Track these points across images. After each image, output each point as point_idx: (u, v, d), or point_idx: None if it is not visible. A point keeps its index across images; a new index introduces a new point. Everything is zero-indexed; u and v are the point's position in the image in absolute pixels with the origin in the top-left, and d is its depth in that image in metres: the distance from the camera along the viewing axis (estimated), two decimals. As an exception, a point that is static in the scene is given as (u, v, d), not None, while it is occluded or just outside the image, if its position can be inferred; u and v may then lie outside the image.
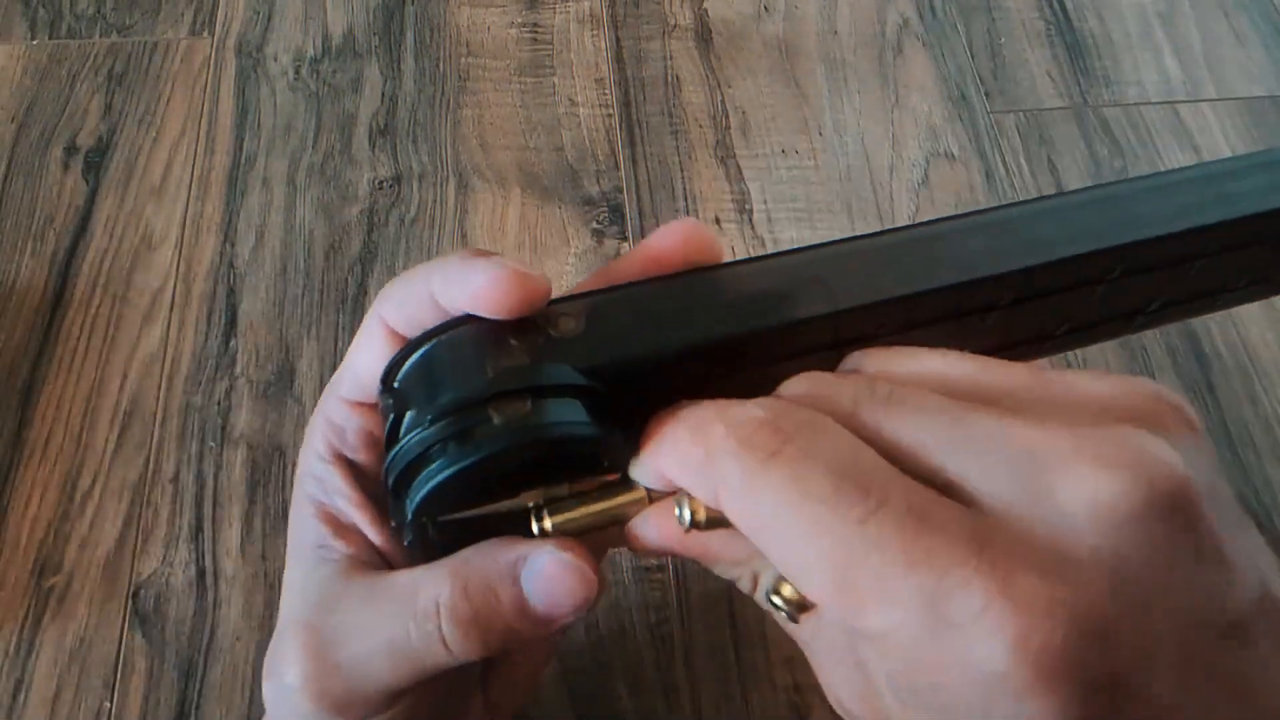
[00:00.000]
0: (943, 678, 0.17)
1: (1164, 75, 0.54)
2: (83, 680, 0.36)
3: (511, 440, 0.21)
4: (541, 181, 0.49)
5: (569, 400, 0.21)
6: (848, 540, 0.18)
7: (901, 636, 0.17)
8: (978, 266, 0.23)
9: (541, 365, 0.21)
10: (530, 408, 0.21)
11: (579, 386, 0.21)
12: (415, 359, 0.22)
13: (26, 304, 0.44)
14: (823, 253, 0.24)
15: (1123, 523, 0.17)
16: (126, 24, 0.53)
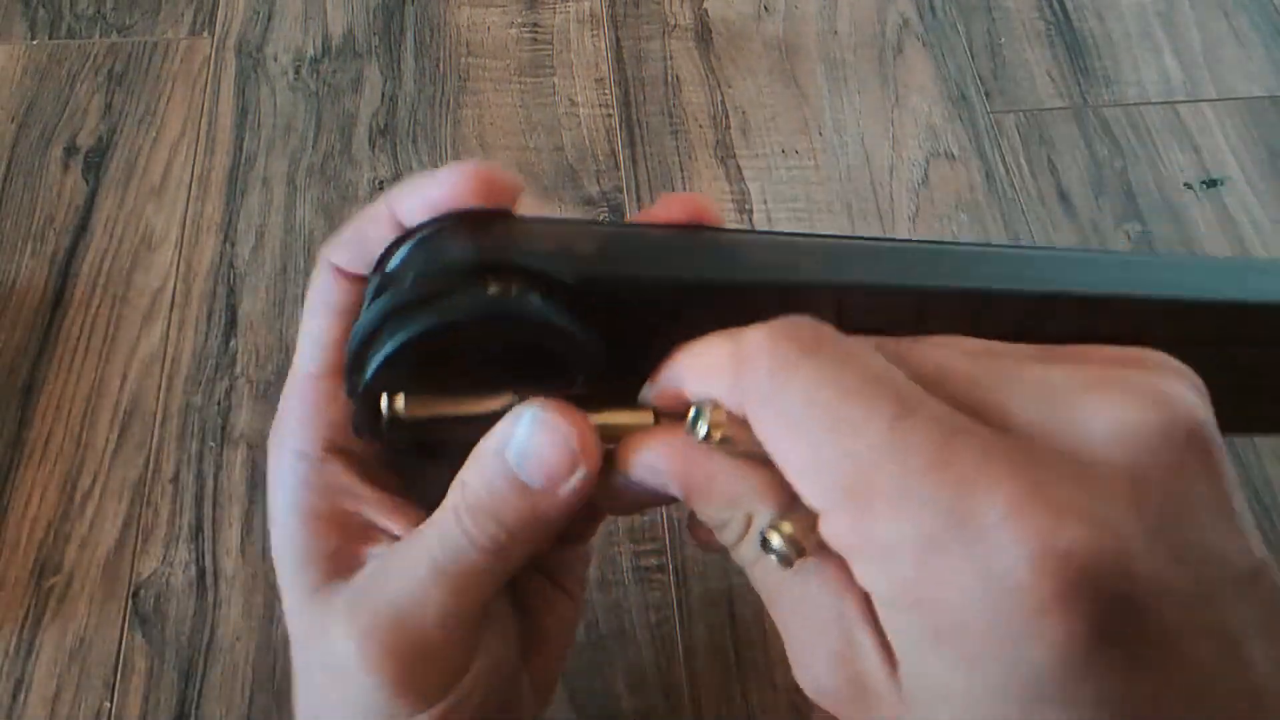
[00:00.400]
0: (951, 592, 0.16)
1: (1164, 75, 0.54)
2: (83, 680, 0.36)
3: (477, 311, 0.20)
4: (541, 181, 0.49)
5: (553, 298, 0.20)
6: (875, 442, 0.17)
7: (911, 546, 0.17)
8: (992, 281, 0.23)
9: (530, 251, 0.21)
10: (507, 290, 0.20)
11: (565, 285, 0.20)
12: (408, 245, 0.21)
13: (26, 304, 0.44)
14: (840, 242, 0.24)
15: (1145, 447, 0.17)
16: (126, 24, 0.53)
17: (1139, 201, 0.49)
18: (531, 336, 0.20)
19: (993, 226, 0.48)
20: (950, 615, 0.17)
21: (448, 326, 0.20)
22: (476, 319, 0.20)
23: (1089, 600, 0.16)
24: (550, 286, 0.20)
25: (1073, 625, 0.16)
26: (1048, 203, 0.49)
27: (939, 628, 0.17)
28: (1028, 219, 0.48)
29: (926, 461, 0.17)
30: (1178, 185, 0.50)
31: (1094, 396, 0.17)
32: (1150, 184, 0.50)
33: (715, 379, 0.20)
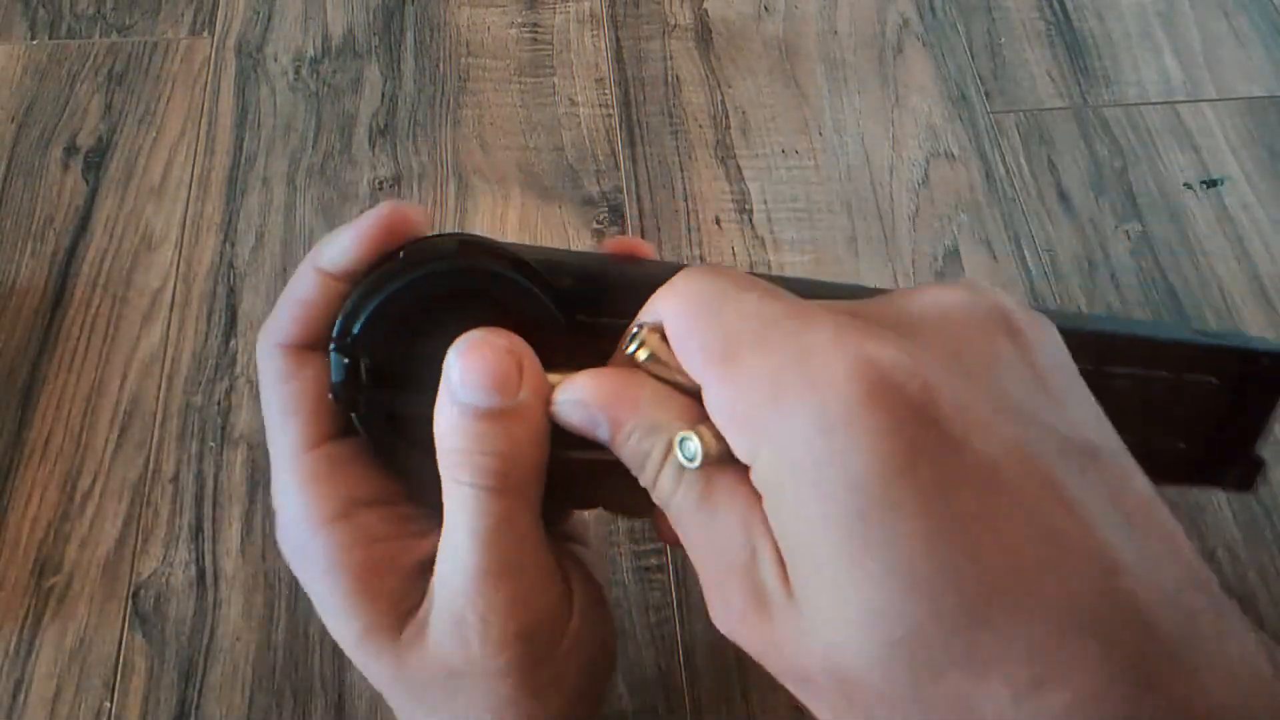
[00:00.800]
0: (792, 430, 0.18)
1: (1164, 75, 0.54)
2: (83, 680, 0.36)
3: (453, 268, 0.22)
4: (541, 181, 0.49)
5: (515, 271, 0.23)
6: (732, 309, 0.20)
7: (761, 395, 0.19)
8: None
9: (504, 245, 0.23)
10: (460, 257, 0.23)
11: (527, 263, 0.23)
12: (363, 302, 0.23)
13: (26, 304, 0.44)
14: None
15: (953, 316, 0.20)
16: (126, 24, 0.53)
17: (1139, 201, 0.49)
18: (501, 302, 0.23)
19: (993, 226, 0.48)
20: (796, 449, 0.18)
21: (427, 280, 0.22)
22: (451, 272, 0.22)
23: (892, 401, 0.18)
24: (516, 263, 0.23)
25: (883, 423, 0.18)
26: (1048, 202, 0.49)
27: (790, 465, 0.18)
28: (1028, 219, 0.48)
29: (773, 318, 0.20)
30: (1178, 185, 0.50)
31: (921, 291, 0.21)
32: (1150, 184, 0.50)
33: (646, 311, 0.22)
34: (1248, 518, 0.40)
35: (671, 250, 0.47)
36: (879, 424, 0.18)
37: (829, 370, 0.18)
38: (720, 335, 0.20)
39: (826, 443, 0.18)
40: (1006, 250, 0.47)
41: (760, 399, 0.19)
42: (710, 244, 0.47)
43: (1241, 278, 0.47)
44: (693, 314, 0.21)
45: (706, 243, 0.47)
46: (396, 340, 0.23)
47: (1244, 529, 0.40)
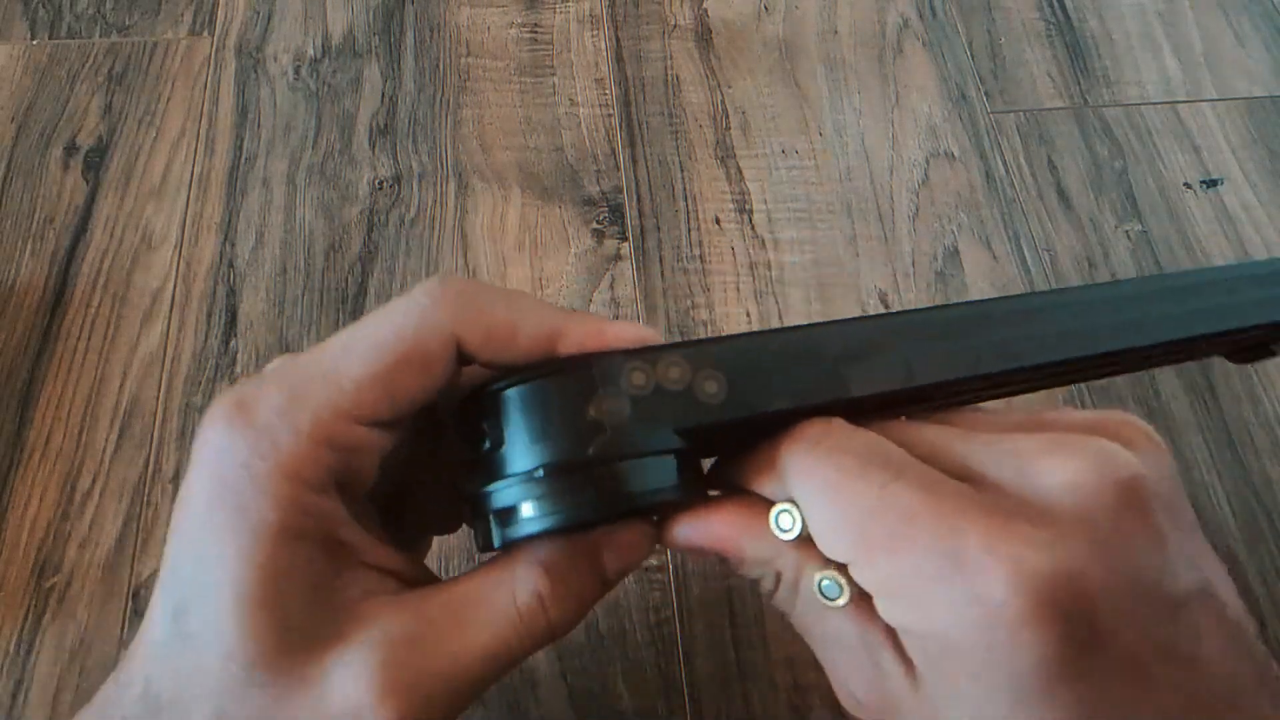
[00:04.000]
0: (950, 615, 0.20)
1: (1164, 75, 0.54)
2: (83, 680, 0.36)
3: (603, 510, 0.23)
4: (541, 181, 0.49)
5: (664, 460, 0.23)
6: (870, 502, 0.21)
7: (911, 583, 0.21)
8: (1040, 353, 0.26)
9: (643, 429, 0.23)
10: (625, 473, 0.22)
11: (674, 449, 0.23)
12: (523, 389, 0.23)
13: (26, 304, 0.44)
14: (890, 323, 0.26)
15: (1089, 497, 0.21)
16: (126, 24, 0.53)
17: (1139, 201, 0.49)
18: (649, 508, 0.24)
19: (992, 226, 0.48)
20: (953, 635, 0.20)
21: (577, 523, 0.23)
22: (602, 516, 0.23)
23: (1057, 613, 0.19)
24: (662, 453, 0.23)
25: (1047, 634, 0.19)
26: (1048, 202, 0.49)
27: (945, 645, 0.20)
28: (1028, 219, 0.48)
29: (912, 512, 0.21)
30: (1178, 185, 0.50)
31: (1049, 459, 0.22)
32: (1150, 184, 0.50)
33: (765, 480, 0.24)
34: (1248, 518, 0.40)
35: (671, 250, 0.47)
36: (1044, 634, 0.19)
37: (988, 585, 0.20)
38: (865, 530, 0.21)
39: (989, 638, 0.20)
40: (1006, 250, 0.47)
41: (914, 589, 0.21)
42: (710, 244, 0.47)
43: (1241, 278, 0.47)
44: (833, 503, 0.22)
45: (706, 243, 0.47)
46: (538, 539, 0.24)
47: (1244, 529, 0.40)
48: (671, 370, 0.23)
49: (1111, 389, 0.43)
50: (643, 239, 0.47)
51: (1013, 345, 0.26)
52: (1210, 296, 0.28)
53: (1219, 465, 0.41)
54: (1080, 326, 0.27)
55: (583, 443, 0.22)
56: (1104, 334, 0.26)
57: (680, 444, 0.23)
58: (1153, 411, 0.43)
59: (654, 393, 0.23)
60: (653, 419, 0.23)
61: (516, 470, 0.23)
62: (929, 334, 0.25)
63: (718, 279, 0.46)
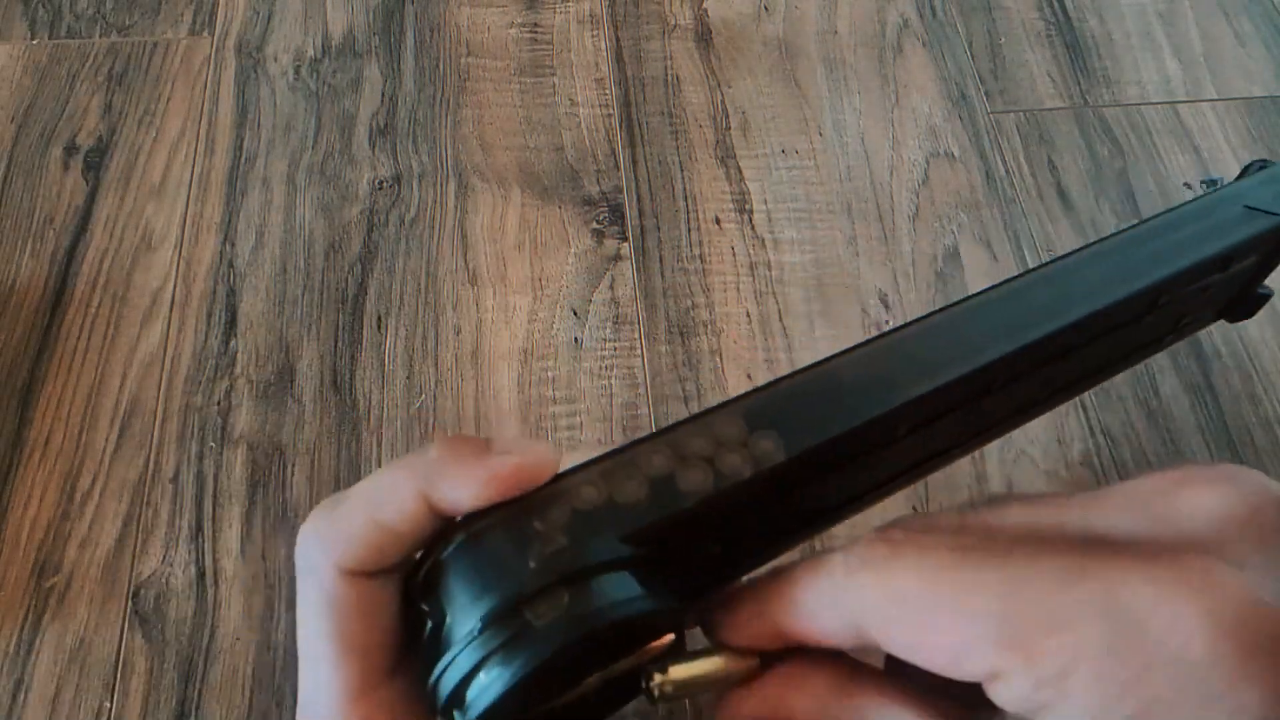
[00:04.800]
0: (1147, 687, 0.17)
1: (1164, 75, 0.54)
2: (82, 680, 0.36)
3: (558, 640, 0.19)
4: (541, 181, 0.49)
5: (617, 574, 0.20)
6: (997, 587, 0.18)
7: (1088, 659, 0.17)
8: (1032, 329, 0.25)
9: (580, 545, 0.20)
10: (569, 597, 0.19)
11: (623, 559, 0.20)
12: (446, 556, 0.21)
13: (26, 304, 0.44)
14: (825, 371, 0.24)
15: (1239, 525, 0.18)
16: (126, 24, 0.53)
17: (1139, 201, 0.49)
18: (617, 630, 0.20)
19: (992, 226, 0.48)
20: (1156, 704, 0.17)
21: (535, 669, 0.19)
22: (560, 649, 0.19)
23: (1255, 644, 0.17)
24: (612, 565, 0.20)
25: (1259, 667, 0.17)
26: (1048, 202, 0.49)
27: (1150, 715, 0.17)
28: (1028, 219, 0.48)
29: (1056, 578, 0.18)
30: (1177, 185, 0.50)
31: (1185, 492, 0.19)
32: (1150, 184, 0.50)
33: (824, 612, 0.20)
34: (1248, 518, 0.40)
35: (671, 250, 0.47)
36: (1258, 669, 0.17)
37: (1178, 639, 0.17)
38: (988, 630, 0.18)
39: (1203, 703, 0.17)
40: (1006, 250, 0.47)
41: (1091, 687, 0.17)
42: (710, 244, 0.47)
43: (1241, 278, 0.47)
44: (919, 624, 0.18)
45: (706, 243, 0.47)
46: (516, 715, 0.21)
47: (1244, 529, 0.40)
48: (585, 490, 0.21)
49: (1112, 390, 0.43)
50: (643, 239, 0.47)
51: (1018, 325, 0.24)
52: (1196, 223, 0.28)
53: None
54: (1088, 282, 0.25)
55: (517, 581, 0.20)
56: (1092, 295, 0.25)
57: (630, 551, 0.20)
58: (1153, 411, 0.43)
59: (582, 512, 0.21)
60: (591, 532, 0.20)
61: (458, 638, 0.20)
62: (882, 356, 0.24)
63: (718, 279, 0.46)
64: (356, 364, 0.43)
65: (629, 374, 0.43)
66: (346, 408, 0.42)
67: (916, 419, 0.24)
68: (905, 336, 0.24)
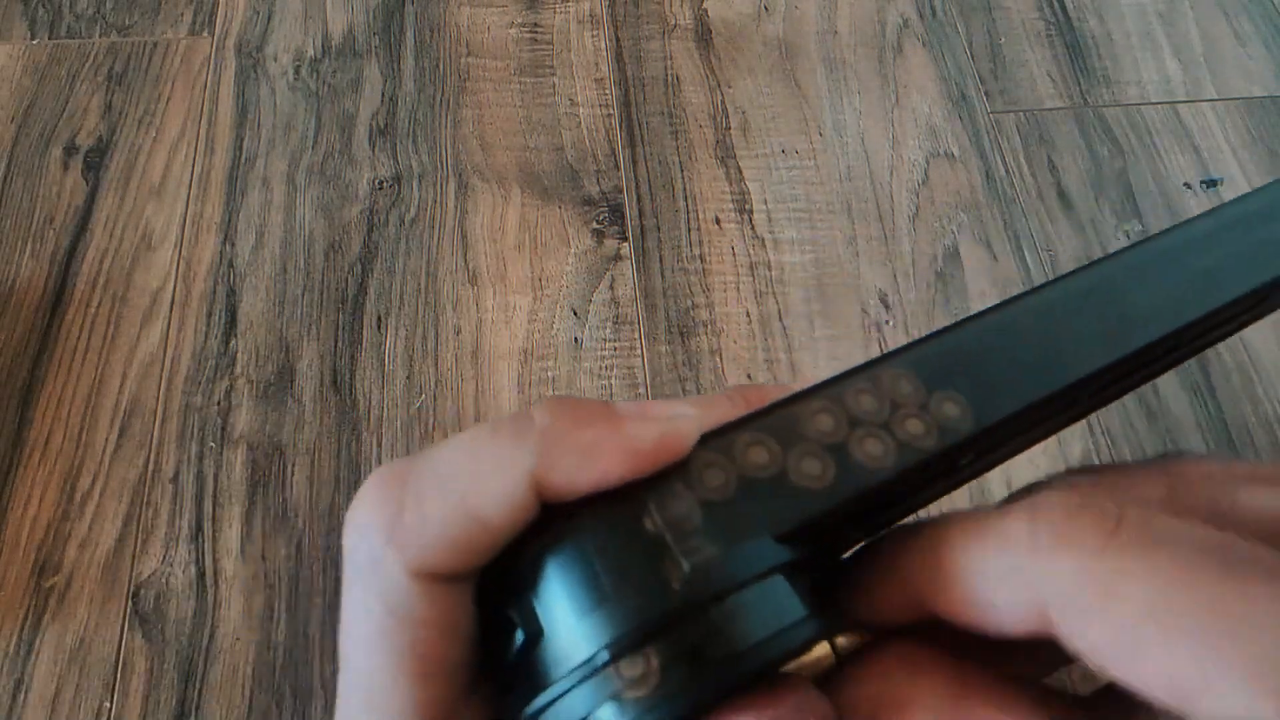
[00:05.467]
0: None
1: (1164, 75, 0.54)
2: (82, 680, 0.36)
3: (710, 689, 0.15)
4: (541, 181, 0.49)
5: (773, 582, 0.16)
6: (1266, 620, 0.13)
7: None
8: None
9: (732, 552, 0.15)
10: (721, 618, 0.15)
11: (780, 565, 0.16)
12: (551, 553, 0.16)
13: (26, 304, 0.44)
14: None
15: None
16: (126, 24, 0.53)
17: (1139, 201, 0.49)
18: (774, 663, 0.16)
19: (992, 226, 0.48)
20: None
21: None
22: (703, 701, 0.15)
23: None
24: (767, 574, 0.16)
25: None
26: (1048, 202, 0.49)
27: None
28: (1028, 219, 0.48)
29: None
30: (1177, 185, 0.50)
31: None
32: (1150, 184, 0.50)
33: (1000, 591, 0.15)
34: (1248, 518, 0.40)
35: (671, 250, 0.47)
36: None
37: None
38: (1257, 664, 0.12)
39: None
40: (1006, 250, 0.47)
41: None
42: (710, 244, 0.47)
43: (1241, 278, 0.47)
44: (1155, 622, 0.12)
45: (706, 243, 0.47)
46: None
47: (1244, 529, 0.40)
48: (752, 451, 0.16)
49: (1111, 389, 0.43)
50: (643, 239, 0.47)
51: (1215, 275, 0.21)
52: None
53: (1219, 465, 0.41)
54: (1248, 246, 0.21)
55: (654, 597, 0.15)
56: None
57: (789, 555, 0.16)
58: (1153, 411, 0.43)
59: (736, 492, 0.16)
60: (741, 529, 0.16)
61: (571, 664, 0.15)
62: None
63: (718, 279, 0.46)
64: (356, 364, 0.43)
65: (629, 374, 0.43)
66: (346, 408, 0.42)
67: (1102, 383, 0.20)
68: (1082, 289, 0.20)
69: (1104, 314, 0.20)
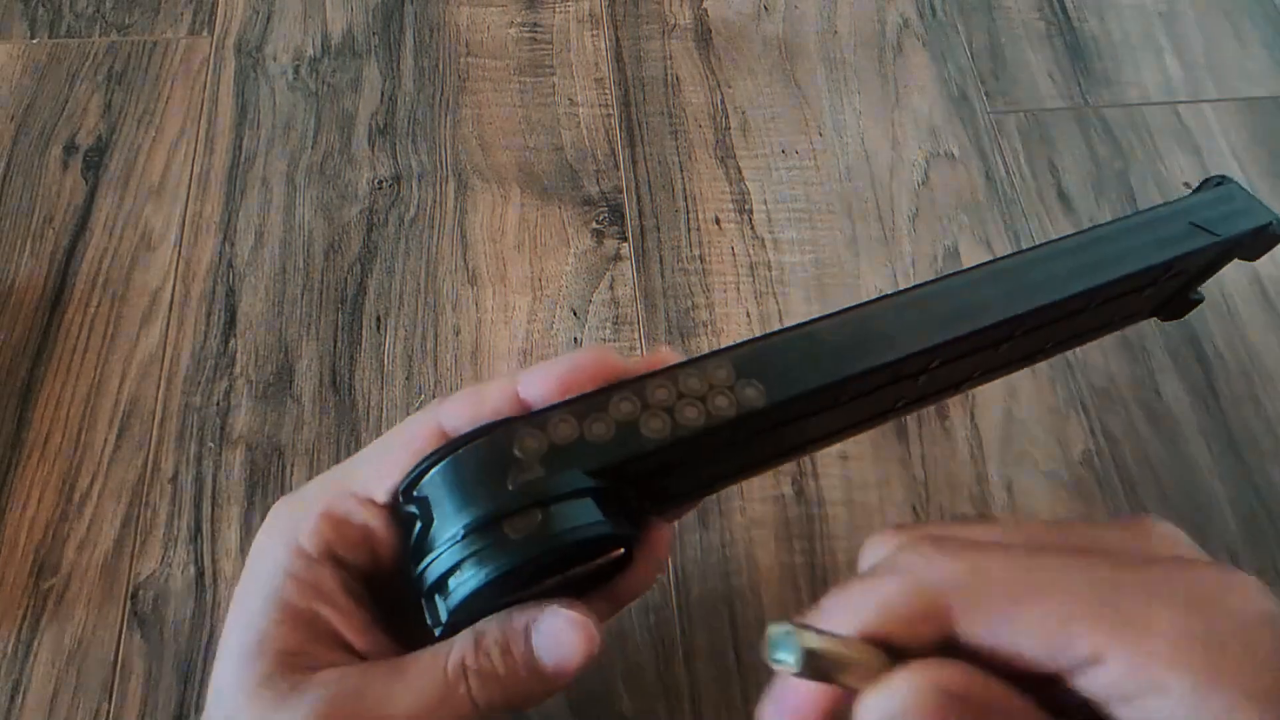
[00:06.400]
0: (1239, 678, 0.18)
1: (1164, 75, 0.53)
2: (81, 682, 0.36)
3: (529, 552, 0.24)
4: (541, 181, 0.48)
5: (582, 501, 0.24)
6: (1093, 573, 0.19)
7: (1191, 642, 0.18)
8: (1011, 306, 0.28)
9: (553, 476, 0.24)
10: (542, 518, 0.24)
11: (588, 488, 0.24)
12: (439, 470, 0.25)
13: (26, 303, 0.44)
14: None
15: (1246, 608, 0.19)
16: (126, 23, 0.53)
17: (1139, 201, 0.49)
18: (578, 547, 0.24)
19: (993, 226, 0.48)
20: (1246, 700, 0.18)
21: (506, 572, 0.23)
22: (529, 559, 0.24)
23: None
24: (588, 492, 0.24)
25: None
26: (1048, 203, 0.49)
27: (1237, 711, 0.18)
28: (1028, 219, 0.48)
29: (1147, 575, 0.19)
30: (1178, 185, 0.49)
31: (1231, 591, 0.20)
32: (1150, 184, 0.49)
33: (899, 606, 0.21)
34: (1250, 520, 0.40)
35: (671, 250, 0.47)
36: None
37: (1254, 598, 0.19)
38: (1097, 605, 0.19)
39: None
40: (1006, 250, 0.47)
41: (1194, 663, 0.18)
42: (710, 244, 0.47)
43: (1241, 280, 0.47)
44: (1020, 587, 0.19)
45: (706, 243, 0.47)
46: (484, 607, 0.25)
47: (1244, 529, 0.40)
48: (562, 427, 0.25)
49: (1113, 391, 0.43)
50: (642, 239, 0.47)
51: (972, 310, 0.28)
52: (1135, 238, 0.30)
53: (1221, 467, 0.41)
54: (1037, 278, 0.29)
55: (499, 499, 0.24)
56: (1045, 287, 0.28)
57: (593, 483, 0.24)
58: (1154, 413, 0.43)
59: (565, 445, 0.24)
60: (563, 466, 0.24)
61: (443, 539, 0.24)
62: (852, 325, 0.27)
63: (718, 279, 0.46)
64: (355, 364, 0.43)
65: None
66: (345, 408, 0.42)
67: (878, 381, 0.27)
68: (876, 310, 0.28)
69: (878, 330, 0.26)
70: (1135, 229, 0.31)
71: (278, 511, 0.27)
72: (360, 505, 0.26)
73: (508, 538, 0.23)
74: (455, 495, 0.24)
